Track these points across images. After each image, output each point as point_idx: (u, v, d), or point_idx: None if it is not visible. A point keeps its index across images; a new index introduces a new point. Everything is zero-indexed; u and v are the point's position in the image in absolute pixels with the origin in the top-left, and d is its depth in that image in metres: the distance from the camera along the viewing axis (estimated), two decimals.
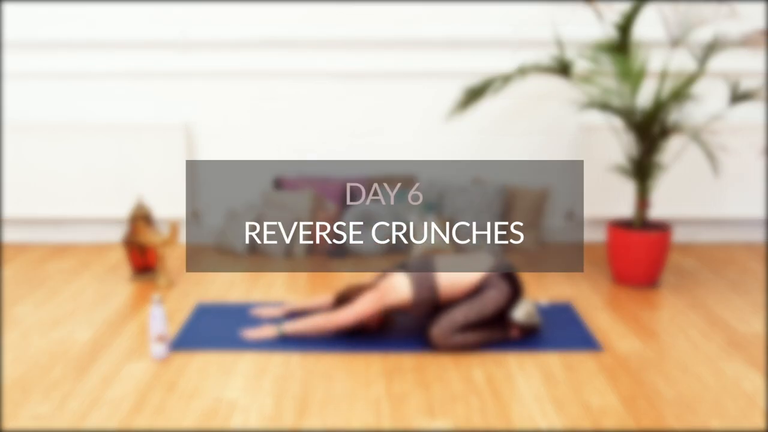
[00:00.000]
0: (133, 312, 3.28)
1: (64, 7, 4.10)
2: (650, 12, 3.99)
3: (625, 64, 3.50)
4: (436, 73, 4.20)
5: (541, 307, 3.30)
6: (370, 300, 2.91)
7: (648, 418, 2.39)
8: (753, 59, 4.13)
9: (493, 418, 2.38)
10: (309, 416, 2.39)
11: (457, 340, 2.85)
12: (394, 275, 2.98)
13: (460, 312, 2.87)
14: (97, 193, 4.24)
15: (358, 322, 2.93)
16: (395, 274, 2.98)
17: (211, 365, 2.76)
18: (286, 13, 4.11)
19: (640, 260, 3.54)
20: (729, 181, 4.24)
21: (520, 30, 4.12)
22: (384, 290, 2.93)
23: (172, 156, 4.21)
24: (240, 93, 4.22)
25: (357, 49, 4.16)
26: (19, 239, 4.37)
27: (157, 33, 4.11)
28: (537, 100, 4.23)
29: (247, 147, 4.29)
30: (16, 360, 2.80)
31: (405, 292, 2.91)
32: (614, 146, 4.16)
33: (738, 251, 4.21)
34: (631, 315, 3.26)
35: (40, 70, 4.18)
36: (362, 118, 4.27)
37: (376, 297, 2.92)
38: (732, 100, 3.53)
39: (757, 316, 3.25)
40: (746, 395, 2.54)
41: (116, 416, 2.39)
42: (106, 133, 4.19)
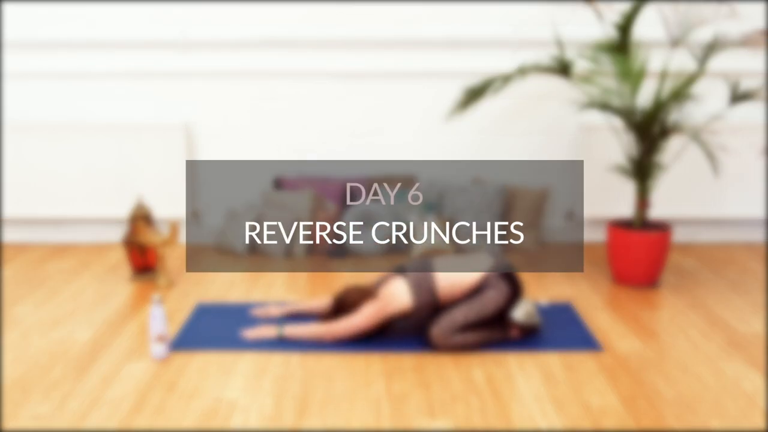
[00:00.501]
0: (133, 312, 3.28)
1: (64, 7, 4.10)
2: (650, 12, 3.98)
3: (625, 64, 3.50)
4: (436, 73, 4.20)
5: (541, 307, 3.30)
6: (370, 313, 2.90)
7: (648, 418, 2.39)
8: (753, 59, 4.13)
9: (493, 418, 2.38)
10: (309, 416, 2.39)
11: (457, 340, 2.85)
12: (393, 282, 2.95)
13: (460, 312, 2.87)
14: (97, 193, 4.24)
15: (358, 336, 2.93)
16: (394, 281, 2.95)
17: (211, 365, 2.76)
18: (286, 13, 4.11)
19: (640, 260, 3.54)
20: (729, 181, 4.24)
21: (520, 30, 4.12)
22: (384, 301, 2.91)
23: (172, 156, 4.21)
24: (240, 93, 4.22)
25: (357, 49, 4.16)
26: (19, 239, 4.37)
27: (157, 33, 4.11)
28: (537, 100, 4.23)
29: (247, 147, 4.29)
30: (16, 360, 2.80)
31: (405, 301, 2.90)
32: (614, 146, 4.16)
33: (738, 251, 4.21)
34: (631, 315, 3.26)
35: (40, 70, 4.18)
36: (362, 118, 4.27)
37: (376, 309, 2.90)
38: (732, 100, 3.53)
39: (757, 316, 3.25)
40: (746, 395, 2.54)
41: (116, 416, 2.39)
42: (106, 133, 4.19)
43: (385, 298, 2.91)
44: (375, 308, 2.90)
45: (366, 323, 2.90)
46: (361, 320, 2.89)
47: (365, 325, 2.90)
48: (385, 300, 2.91)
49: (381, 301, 2.92)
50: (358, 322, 2.89)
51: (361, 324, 2.89)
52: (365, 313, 2.90)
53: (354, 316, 2.91)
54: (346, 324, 2.91)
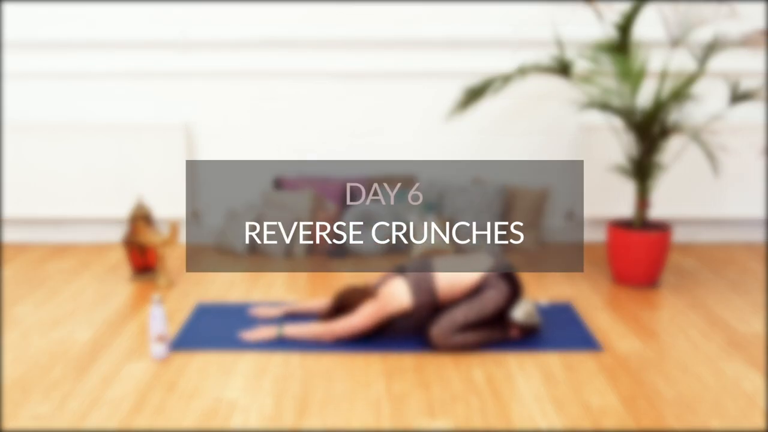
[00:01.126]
0: (133, 312, 3.28)
1: (64, 7, 4.10)
2: (650, 12, 3.99)
3: (625, 64, 3.50)
4: (436, 73, 4.20)
5: (541, 307, 3.30)
6: (370, 312, 2.90)
7: (648, 418, 2.39)
8: (753, 59, 4.13)
9: (493, 418, 2.38)
10: (309, 416, 2.39)
11: (456, 340, 2.85)
12: (393, 282, 2.95)
13: (460, 312, 2.87)
14: (97, 193, 4.25)
15: (358, 336, 2.93)
16: (394, 281, 2.95)
17: (211, 365, 2.76)
18: (286, 13, 4.11)
19: (640, 260, 3.54)
20: (729, 181, 4.24)
21: (520, 30, 4.12)
22: (383, 301, 2.91)
23: (172, 156, 4.21)
24: (240, 93, 4.22)
25: (357, 49, 4.16)
26: (19, 239, 4.37)
27: (157, 33, 4.11)
28: (537, 100, 4.23)
29: (247, 147, 4.29)
30: (16, 360, 2.80)
31: (405, 300, 2.90)
32: (614, 146, 4.16)
33: (738, 251, 4.21)
34: (631, 315, 3.26)
35: (40, 70, 4.18)
36: (362, 118, 4.27)
37: (375, 308, 2.90)
38: (732, 100, 3.53)
39: (757, 316, 3.25)
40: (746, 395, 2.54)
41: (116, 416, 2.39)
42: (106, 133, 4.19)
43: (385, 297, 2.91)
44: (374, 308, 2.90)
45: (365, 323, 2.90)
46: (360, 320, 2.90)
47: (364, 325, 2.90)
48: (385, 300, 2.91)
49: (380, 300, 2.91)
50: (358, 322, 2.90)
51: (361, 324, 2.90)
52: (364, 313, 2.90)
53: (353, 316, 2.91)
54: (346, 324, 2.91)
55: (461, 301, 2.93)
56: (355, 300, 2.97)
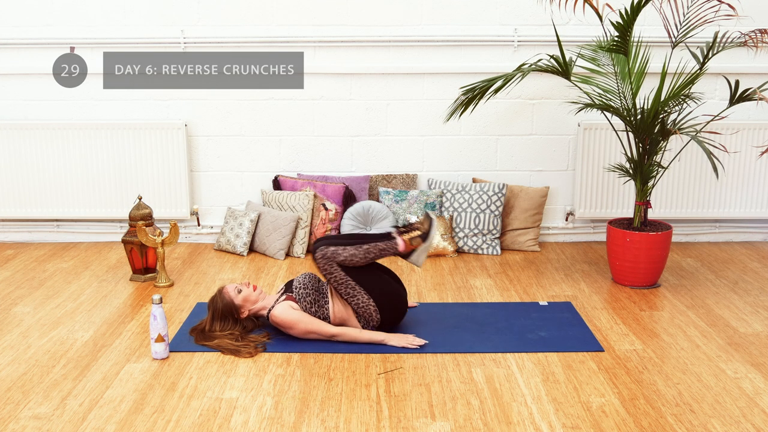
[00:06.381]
0: (133, 312, 3.28)
1: (63, 7, 4.09)
2: (650, 12, 3.99)
3: (625, 64, 3.50)
4: (436, 73, 4.20)
5: (540, 307, 3.30)
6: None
7: (648, 418, 2.39)
8: (753, 59, 4.13)
9: (493, 418, 2.38)
10: (309, 416, 2.39)
11: (338, 252, 2.87)
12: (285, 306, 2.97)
13: (341, 239, 2.93)
14: (97, 193, 4.25)
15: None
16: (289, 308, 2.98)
17: (211, 365, 2.75)
18: (287, 13, 4.11)
19: (640, 260, 3.54)
20: (729, 181, 4.24)
21: (520, 30, 4.12)
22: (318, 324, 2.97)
23: (172, 156, 4.21)
24: (240, 93, 4.22)
25: (357, 49, 4.16)
26: (19, 239, 4.37)
27: (157, 33, 4.11)
28: (537, 100, 4.24)
29: (246, 147, 4.29)
30: (16, 360, 2.80)
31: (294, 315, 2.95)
32: (614, 146, 4.16)
33: (738, 251, 4.21)
34: (631, 315, 3.26)
35: (39, 70, 4.17)
36: (362, 117, 4.27)
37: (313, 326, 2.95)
38: (732, 100, 3.53)
39: (757, 316, 3.25)
40: (746, 395, 2.54)
41: (116, 416, 2.39)
42: (106, 133, 4.19)
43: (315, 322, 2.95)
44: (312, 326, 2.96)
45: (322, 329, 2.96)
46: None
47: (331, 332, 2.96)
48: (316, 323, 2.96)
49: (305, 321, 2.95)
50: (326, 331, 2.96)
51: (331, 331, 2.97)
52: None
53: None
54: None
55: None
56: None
